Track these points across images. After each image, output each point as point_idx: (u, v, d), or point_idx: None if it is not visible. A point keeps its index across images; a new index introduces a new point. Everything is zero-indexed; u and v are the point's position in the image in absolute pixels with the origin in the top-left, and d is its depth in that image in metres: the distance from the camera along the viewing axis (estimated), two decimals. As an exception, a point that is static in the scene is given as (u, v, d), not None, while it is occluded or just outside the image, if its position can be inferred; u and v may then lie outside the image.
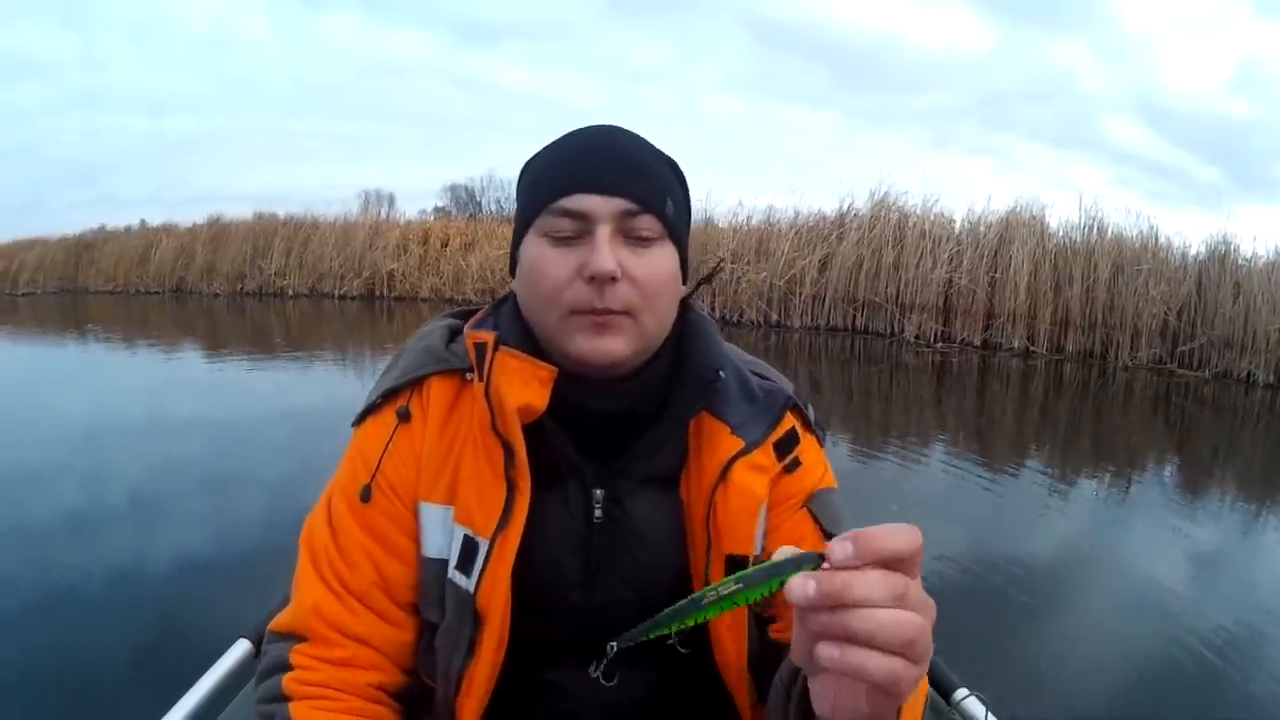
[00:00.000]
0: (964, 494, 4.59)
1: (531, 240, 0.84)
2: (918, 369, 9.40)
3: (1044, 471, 5.23)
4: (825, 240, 11.84)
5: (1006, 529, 4.06)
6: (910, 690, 0.49)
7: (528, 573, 0.85)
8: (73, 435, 5.69)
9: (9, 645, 2.70)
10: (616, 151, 0.85)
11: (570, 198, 0.81)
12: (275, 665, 0.86)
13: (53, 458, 5.11)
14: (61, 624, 2.83)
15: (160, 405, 6.97)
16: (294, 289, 16.51)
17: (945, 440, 5.98)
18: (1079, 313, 10.09)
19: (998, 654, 2.68)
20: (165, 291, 18.50)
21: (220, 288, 17.49)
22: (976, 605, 3.06)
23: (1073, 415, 7.50)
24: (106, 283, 19.52)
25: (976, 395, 8.33)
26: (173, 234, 19.05)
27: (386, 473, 0.88)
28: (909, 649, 0.47)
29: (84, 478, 4.70)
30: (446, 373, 0.90)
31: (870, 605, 0.47)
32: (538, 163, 0.89)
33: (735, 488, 0.86)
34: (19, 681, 2.47)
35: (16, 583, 3.16)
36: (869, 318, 11.42)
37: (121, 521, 3.94)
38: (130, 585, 3.17)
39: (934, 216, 11.63)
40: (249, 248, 17.28)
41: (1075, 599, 3.23)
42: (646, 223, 0.82)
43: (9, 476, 4.67)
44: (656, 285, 0.83)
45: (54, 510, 4.04)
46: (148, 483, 4.60)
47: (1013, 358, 10.03)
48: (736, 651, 0.87)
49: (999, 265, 10.64)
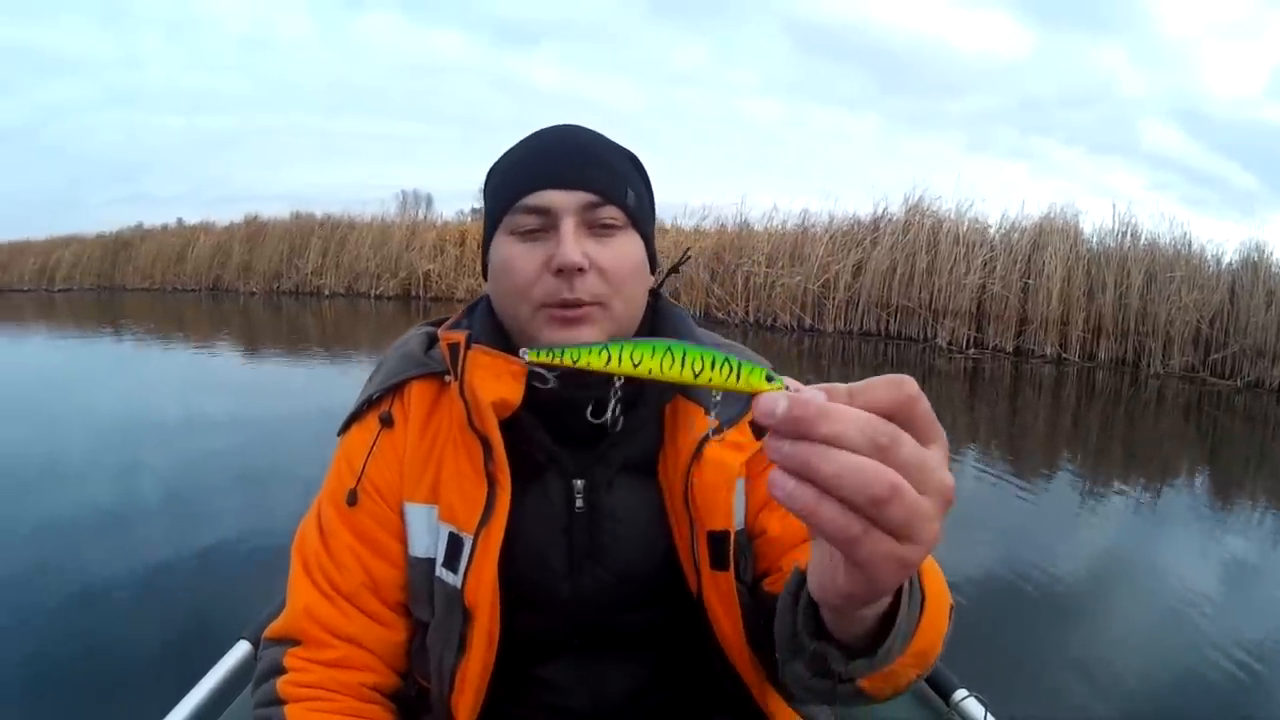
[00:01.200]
0: (992, 499, 4.67)
1: (499, 239, 0.89)
2: (950, 375, 9.59)
3: (1073, 479, 5.35)
4: (859, 245, 12.09)
5: (1034, 535, 4.13)
6: (889, 573, 0.43)
7: (513, 566, 0.88)
8: (78, 432, 5.82)
9: (10, 644, 2.76)
10: (575, 147, 0.89)
11: (533, 195, 0.85)
12: (270, 670, 0.89)
13: (56, 454, 5.22)
14: (62, 624, 2.91)
15: (174, 402, 7.16)
16: (330, 288, 17.04)
17: (975, 447, 6.12)
18: (1111, 320, 10.24)
19: (1026, 660, 2.73)
20: (202, 289, 19.10)
21: (256, 286, 18.05)
22: (1003, 610, 3.13)
23: (1103, 423, 7.65)
24: (143, 280, 20.21)
25: (1008, 402, 8.50)
26: (210, 232, 19.65)
27: (371, 476, 0.92)
28: (877, 510, 0.41)
29: (88, 475, 4.79)
30: (425, 376, 0.94)
31: (839, 445, 0.41)
32: (501, 165, 0.93)
33: (709, 463, 0.87)
34: (20, 680, 2.54)
35: (17, 581, 3.24)
36: (902, 323, 11.64)
37: (124, 521, 4.01)
38: (131, 585, 3.23)
39: (968, 221, 11.82)
40: (285, 247, 17.84)
41: (1101, 607, 3.29)
42: (610, 213, 0.86)
43: (10, 474, 4.78)
44: (623, 273, 0.87)
45: (56, 508, 4.13)
46: (153, 480, 4.70)
47: (1045, 364, 10.18)
48: (733, 627, 0.88)
49: (1032, 271, 10.80)
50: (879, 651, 0.59)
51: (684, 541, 0.90)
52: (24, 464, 5.01)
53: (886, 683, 0.65)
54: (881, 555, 0.42)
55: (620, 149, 0.92)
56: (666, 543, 0.91)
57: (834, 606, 0.55)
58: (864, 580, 0.45)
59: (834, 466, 0.40)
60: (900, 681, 0.67)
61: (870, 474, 0.40)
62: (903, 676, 0.66)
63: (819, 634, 0.61)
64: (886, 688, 0.66)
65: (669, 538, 0.91)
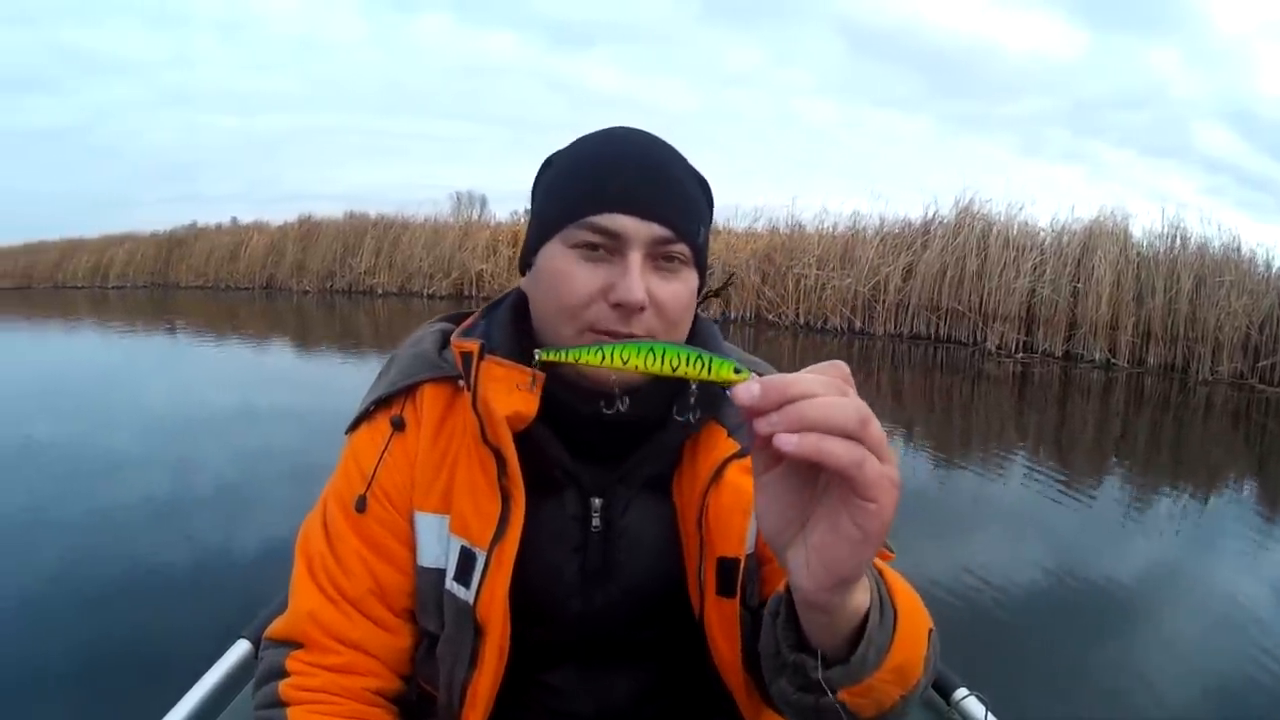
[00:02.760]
0: (1030, 502, 4.80)
1: (556, 249, 0.85)
2: (998, 379, 9.78)
3: (1117, 485, 5.46)
4: (910, 247, 12.42)
5: (1077, 542, 4.20)
6: (885, 502, 0.53)
7: (525, 581, 0.87)
8: (81, 428, 6.03)
9: (11, 642, 2.81)
10: (655, 168, 0.86)
11: (605, 215, 0.82)
12: (272, 672, 0.90)
13: (59, 450, 5.40)
14: (62, 623, 2.94)
15: (206, 398, 7.41)
16: (383, 287, 17.70)
17: (1023, 452, 6.26)
18: (1160, 325, 10.40)
19: (1070, 667, 2.79)
20: (255, 288, 19.80)
21: (310, 285, 18.76)
22: (1034, 613, 3.26)
23: (1150, 430, 7.82)
24: (196, 278, 20.97)
25: (1057, 407, 8.67)
26: (263, 231, 20.39)
27: (382, 482, 0.92)
28: (864, 429, 0.52)
29: (92, 472, 4.89)
30: (439, 380, 0.93)
31: (812, 397, 0.51)
32: (568, 164, 0.89)
33: (727, 486, 0.87)
34: (20, 679, 2.59)
35: (18, 579, 3.30)
36: (951, 326, 11.93)
37: (125, 518, 4.06)
38: (131, 584, 3.28)
39: (1018, 225, 12.07)
40: (339, 246, 18.53)
41: (1140, 615, 3.34)
42: (679, 249, 0.85)
43: (11, 470, 4.94)
44: (678, 312, 0.86)
45: (57, 505, 4.23)
46: (157, 478, 4.77)
47: (1093, 369, 10.34)
48: (732, 651, 0.90)
49: (1082, 275, 10.99)
50: (853, 659, 0.65)
51: (692, 563, 0.91)
52: (36, 457, 5.25)
53: (867, 697, 0.68)
54: (880, 474, 0.52)
55: (696, 174, 0.91)
56: (676, 563, 0.93)
57: (817, 599, 0.60)
58: (850, 542, 0.54)
59: (820, 409, 0.51)
60: (883, 699, 0.69)
61: (848, 403, 0.52)
62: (884, 693, 0.69)
63: (798, 646, 0.68)
64: (869, 704, 0.69)
65: (679, 558, 0.93)
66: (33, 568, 3.45)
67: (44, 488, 4.60)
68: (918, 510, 4.37)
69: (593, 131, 0.91)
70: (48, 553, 3.61)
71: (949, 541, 4.07)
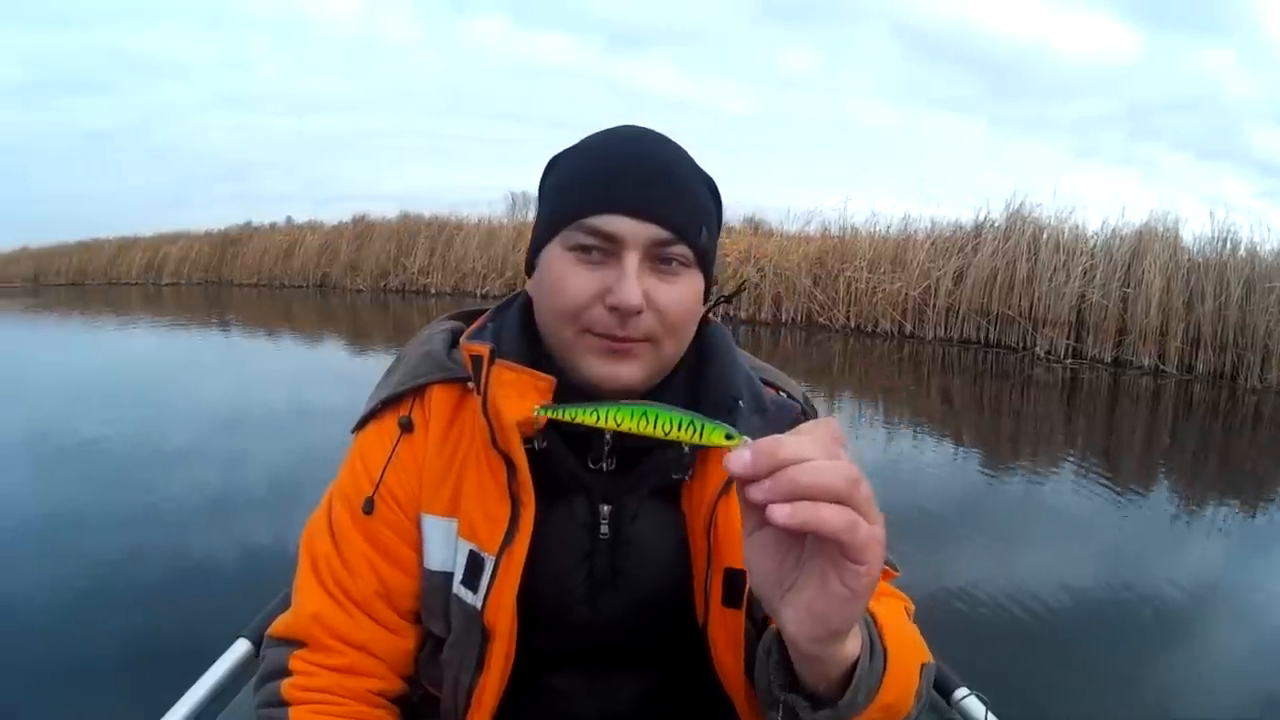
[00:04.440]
0: (1070, 511, 4.86)
1: (555, 251, 0.88)
2: (1047, 385, 9.92)
3: (1160, 495, 5.53)
4: (961, 251, 12.63)
5: (1113, 548, 4.26)
6: (874, 562, 0.56)
7: (533, 587, 0.90)
8: (85, 425, 6.09)
9: (11, 639, 2.85)
10: (655, 169, 0.87)
11: (601, 217, 0.84)
12: (274, 671, 0.92)
13: (61, 445, 5.51)
14: (61, 621, 2.98)
15: (226, 392, 7.58)
16: (436, 287, 18.31)
17: (1072, 458, 6.34)
18: (1210, 331, 10.48)
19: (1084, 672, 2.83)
20: (309, 286, 20.48)
21: (363, 284, 19.44)
22: (1057, 620, 3.25)
23: (1200, 439, 7.93)
24: (250, 276, 21.74)
25: (1106, 414, 8.80)
26: (317, 231, 21.10)
27: (390, 484, 0.94)
28: (854, 490, 0.54)
29: (93, 468, 5.00)
30: (448, 381, 0.95)
31: (803, 461, 0.53)
32: (570, 164, 0.91)
33: (737, 498, 0.84)
34: (20, 676, 2.63)
35: (18, 577, 3.35)
36: (1001, 331, 12.11)
37: (126, 515, 4.13)
38: (131, 582, 3.32)
39: (1069, 229, 12.21)
40: (393, 246, 19.21)
41: (1176, 623, 3.36)
42: (679, 251, 0.86)
43: (12, 466, 5.05)
44: (679, 315, 0.88)
45: (57, 501, 4.30)
46: (159, 475, 4.86)
47: (1142, 376, 10.50)
48: (734, 662, 0.92)
49: (1131, 280, 11.11)
50: (841, 703, 0.69)
51: (699, 573, 0.93)
52: (42, 450, 5.42)
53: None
54: (869, 537, 0.55)
55: (701, 174, 0.91)
56: (683, 571, 0.95)
57: (809, 650, 0.64)
58: (839, 600, 0.58)
59: (811, 474, 0.53)
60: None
61: (839, 467, 0.54)
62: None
63: (789, 687, 0.72)
64: None
65: (686, 566, 0.95)
66: (33, 564, 3.52)
67: (49, 483, 4.72)
68: (949, 514, 4.65)
69: (598, 131, 0.93)
70: (49, 549, 3.68)
71: (980, 544, 4.26)
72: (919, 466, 5.91)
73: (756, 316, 14.11)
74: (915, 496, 4.92)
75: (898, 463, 5.97)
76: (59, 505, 4.31)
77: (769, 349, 11.96)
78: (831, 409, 7.95)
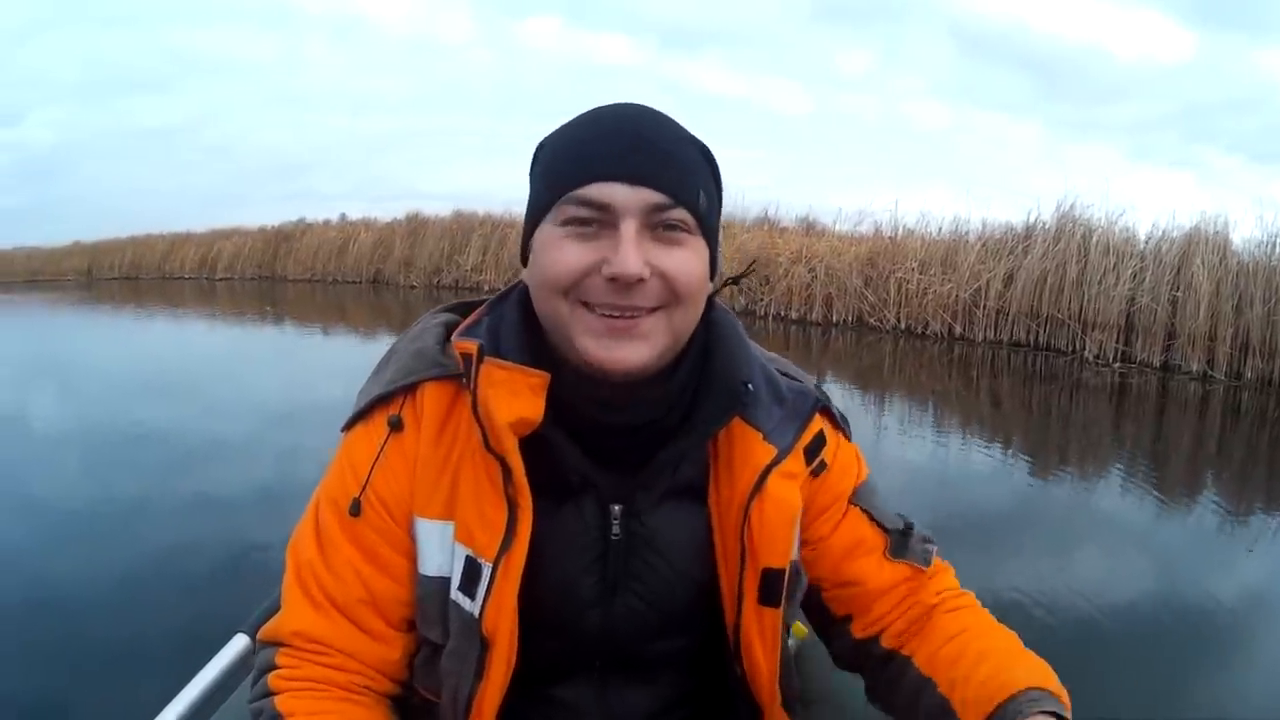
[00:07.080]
0: (1115, 517, 5.03)
1: (547, 229, 0.86)
2: (1096, 389, 10.14)
3: (1204, 504, 5.56)
4: (1011, 253, 12.95)
5: (1154, 554, 4.37)
6: None
7: (539, 593, 0.90)
8: (86, 423, 6.21)
9: (10, 637, 2.87)
10: (645, 135, 0.85)
11: (592, 186, 0.82)
12: (264, 667, 0.93)
13: (63, 440, 5.64)
14: (60, 617, 3.02)
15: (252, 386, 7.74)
16: (490, 284, 18.89)
17: (1120, 465, 6.51)
18: (1259, 337, 10.53)
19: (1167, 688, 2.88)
20: (363, 281, 21.27)
21: (416, 280, 20.25)
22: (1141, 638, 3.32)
23: (1247, 448, 7.98)
24: (304, 271, 22.60)
25: (1154, 421, 9.04)
26: (371, 228, 21.91)
27: (377, 486, 0.92)
28: None
29: (91, 465, 5.12)
30: (440, 379, 0.93)
31: None
32: (556, 143, 0.90)
33: (772, 499, 0.91)
34: (19, 674, 2.66)
35: (18, 574, 3.40)
36: (1051, 334, 12.42)
37: (125, 513, 4.19)
38: (130, 580, 3.37)
39: (1119, 231, 12.46)
40: (446, 243, 19.98)
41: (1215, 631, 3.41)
42: (678, 215, 0.84)
43: (13, 463, 5.16)
44: (688, 282, 0.86)
45: (56, 498, 4.35)
46: (160, 472, 4.95)
47: (1190, 381, 10.63)
48: (768, 663, 0.95)
49: (1180, 284, 11.22)
50: None
51: (730, 574, 0.94)
52: (42, 444, 5.56)
53: None
54: None
55: (693, 139, 0.90)
56: (709, 572, 0.95)
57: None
58: None
59: None
60: None
61: None
62: None
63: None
64: None
65: (711, 568, 0.95)
66: (34, 557, 3.60)
67: (53, 476, 4.84)
68: (998, 518, 4.81)
69: (585, 111, 0.91)
70: (50, 542, 3.77)
71: (1029, 550, 4.38)
72: (968, 470, 6.20)
73: (807, 317, 14.59)
74: (965, 500, 5.21)
75: (946, 466, 6.33)
76: (60, 497, 4.46)
77: (819, 349, 12.50)
78: (883, 410, 8.53)
